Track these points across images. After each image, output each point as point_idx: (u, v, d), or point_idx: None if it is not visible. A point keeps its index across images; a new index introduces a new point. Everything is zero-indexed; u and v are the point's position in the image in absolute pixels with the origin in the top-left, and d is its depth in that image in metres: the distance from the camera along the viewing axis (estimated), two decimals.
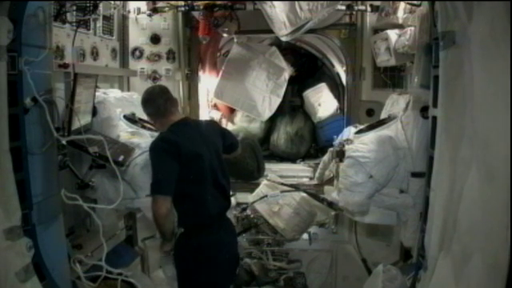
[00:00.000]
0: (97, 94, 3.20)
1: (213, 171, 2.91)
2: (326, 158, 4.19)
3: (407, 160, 3.00)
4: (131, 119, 3.42)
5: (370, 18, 4.32)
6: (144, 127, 3.44)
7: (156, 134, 3.40)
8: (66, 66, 2.89)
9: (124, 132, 3.24)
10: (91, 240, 3.15)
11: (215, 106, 5.34)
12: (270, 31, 3.96)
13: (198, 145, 2.86)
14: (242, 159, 4.26)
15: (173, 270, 3.01)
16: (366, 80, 4.48)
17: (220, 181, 2.96)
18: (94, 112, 3.07)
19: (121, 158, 2.82)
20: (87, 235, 3.21)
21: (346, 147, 3.12)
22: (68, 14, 3.11)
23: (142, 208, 3.15)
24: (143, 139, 3.22)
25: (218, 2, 4.07)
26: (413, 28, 3.26)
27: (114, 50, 4.09)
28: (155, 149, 2.77)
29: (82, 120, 2.72)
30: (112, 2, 3.94)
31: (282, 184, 4.37)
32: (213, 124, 3.44)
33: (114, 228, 3.65)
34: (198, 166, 2.83)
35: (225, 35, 4.53)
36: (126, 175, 3.03)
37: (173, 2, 4.18)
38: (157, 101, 2.90)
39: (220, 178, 2.96)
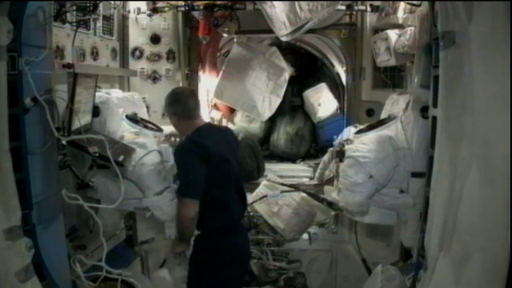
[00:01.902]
0: (100, 94, 3.20)
1: (236, 176, 2.95)
2: (326, 157, 4.19)
3: (407, 160, 3.00)
4: (133, 119, 3.42)
5: (370, 18, 4.31)
6: (146, 127, 3.44)
7: (158, 134, 3.42)
8: (69, 66, 2.86)
9: (127, 132, 3.24)
10: (94, 240, 3.15)
11: (215, 106, 5.34)
12: (270, 31, 3.96)
13: (225, 149, 2.89)
14: (241, 159, 4.27)
15: (181, 271, 3.01)
16: (365, 80, 4.47)
17: (240, 185, 3.03)
18: (97, 112, 3.07)
19: (121, 158, 2.82)
20: (90, 235, 3.21)
21: (346, 147, 3.12)
22: (68, 14, 3.11)
23: (150, 207, 3.14)
24: (147, 139, 3.21)
25: (218, 2, 4.06)
26: (413, 28, 3.26)
27: (113, 50, 4.09)
28: (185, 151, 2.76)
29: (81, 120, 2.72)
30: (112, 2, 3.94)
31: (282, 184, 4.37)
32: (230, 130, 3.39)
33: (116, 228, 3.66)
34: (225, 170, 2.86)
35: (225, 35, 4.53)
36: (132, 175, 3.02)
37: (173, 2, 4.17)
38: (187, 101, 2.92)
39: (240, 182, 3.02)
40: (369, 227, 4.17)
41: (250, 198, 4.33)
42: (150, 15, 4.25)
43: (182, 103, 2.92)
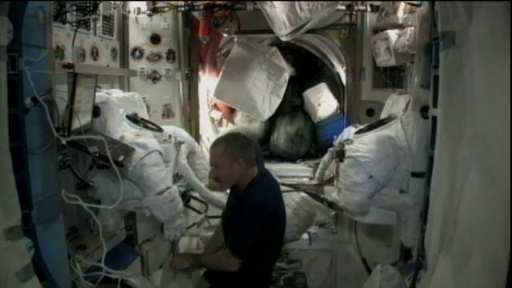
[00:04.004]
0: (100, 94, 3.20)
1: (283, 238, 3.09)
2: (325, 157, 4.19)
3: (407, 160, 3.00)
4: (133, 119, 3.42)
5: (370, 18, 4.31)
6: (146, 127, 3.44)
7: (157, 134, 3.40)
8: (69, 66, 2.84)
9: (128, 132, 3.24)
10: (94, 240, 3.15)
11: (215, 106, 5.35)
12: (270, 31, 3.97)
13: (285, 213, 2.99)
14: None
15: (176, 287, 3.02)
16: (365, 80, 4.48)
17: (281, 246, 3.17)
18: (98, 112, 3.06)
19: (121, 158, 2.82)
20: (90, 235, 3.20)
21: (346, 147, 3.12)
22: (68, 14, 3.10)
23: (150, 207, 3.13)
24: (148, 139, 3.21)
25: (218, 2, 4.06)
26: (413, 28, 3.26)
27: (114, 50, 4.08)
28: (255, 215, 2.73)
29: (81, 120, 2.72)
30: (112, 2, 3.93)
31: (282, 184, 4.36)
32: None
33: (117, 228, 3.65)
34: (282, 234, 2.99)
35: (225, 35, 4.53)
36: (133, 175, 3.02)
37: (173, 2, 4.18)
38: (255, 146, 2.92)
39: (281, 245, 3.17)
40: (369, 227, 4.17)
41: None
42: (150, 15, 4.24)
43: (253, 148, 2.86)
